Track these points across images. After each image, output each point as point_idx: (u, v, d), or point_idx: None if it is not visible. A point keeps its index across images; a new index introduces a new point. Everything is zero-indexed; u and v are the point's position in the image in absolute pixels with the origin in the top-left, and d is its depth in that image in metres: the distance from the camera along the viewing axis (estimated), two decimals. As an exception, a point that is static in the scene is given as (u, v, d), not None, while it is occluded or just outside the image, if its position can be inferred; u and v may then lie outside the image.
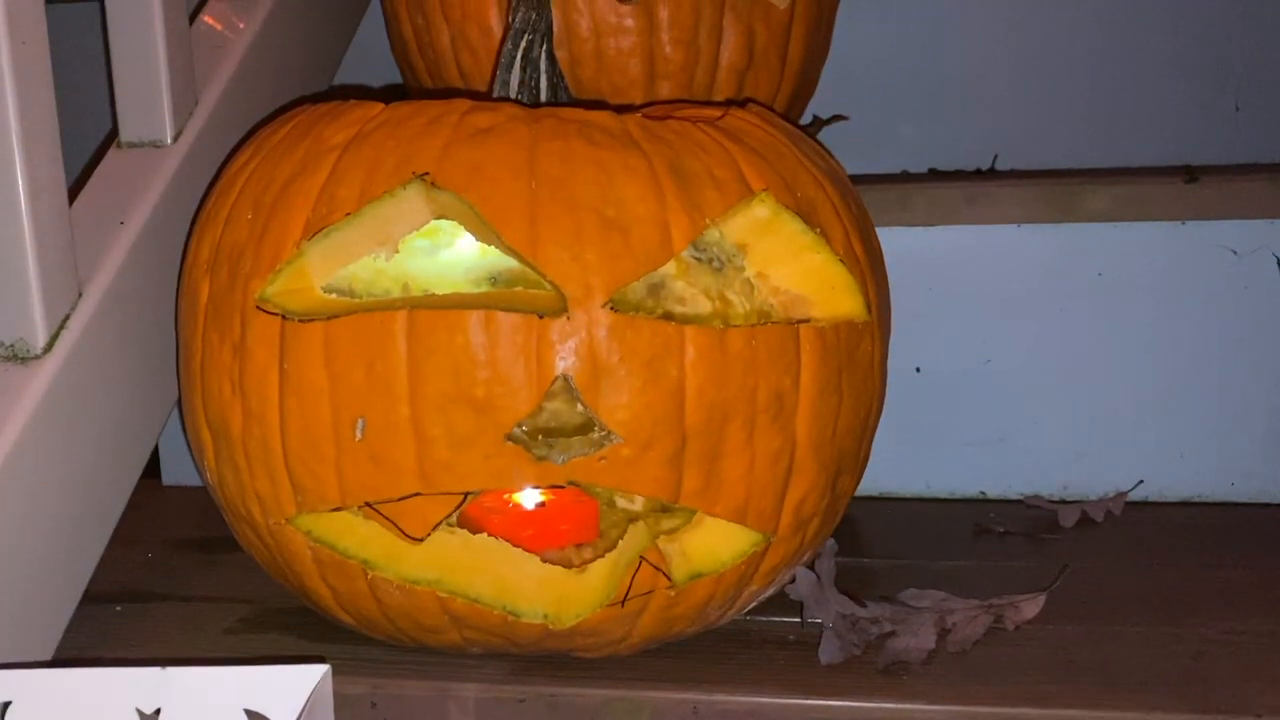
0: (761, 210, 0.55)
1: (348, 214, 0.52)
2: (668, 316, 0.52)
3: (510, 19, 0.66)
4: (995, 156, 1.14)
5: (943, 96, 1.18)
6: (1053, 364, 0.87)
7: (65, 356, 0.63)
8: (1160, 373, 0.86)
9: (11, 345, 0.63)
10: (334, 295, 0.54)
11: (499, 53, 0.67)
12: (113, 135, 0.76)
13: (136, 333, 0.69)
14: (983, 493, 0.90)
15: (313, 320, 0.51)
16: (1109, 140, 1.17)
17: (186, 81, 0.76)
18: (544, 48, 0.66)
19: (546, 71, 0.66)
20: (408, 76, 0.94)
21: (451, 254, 0.54)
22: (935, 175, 1.12)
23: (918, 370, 0.89)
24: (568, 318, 0.50)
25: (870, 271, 0.60)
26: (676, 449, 0.52)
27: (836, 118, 1.07)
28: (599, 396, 0.50)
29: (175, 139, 0.75)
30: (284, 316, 0.52)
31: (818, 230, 0.57)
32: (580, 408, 0.50)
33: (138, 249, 0.69)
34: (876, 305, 0.60)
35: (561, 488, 0.53)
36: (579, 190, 0.51)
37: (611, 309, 0.51)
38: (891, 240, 0.86)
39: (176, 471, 0.99)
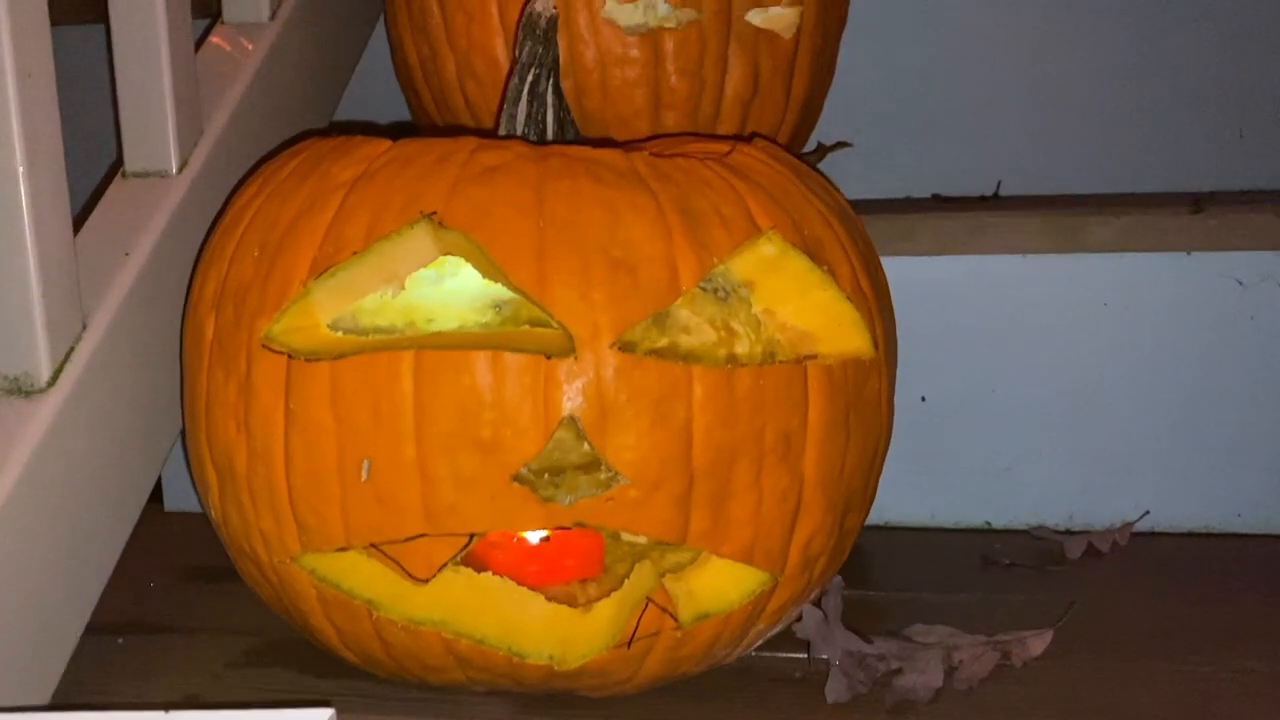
0: (769, 248, 0.55)
1: (355, 253, 0.52)
2: (673, 346, 0.52)
3: (517, 53, 0.66)
4: (999, 183, 1.14)
5: (946, 121, 1.18)
6: (1058, 394, 0.87)
7: (69, 390, 0.63)
8: (1166, 403, 0.86)
9: (15, 378, 0.62)
10: (339, 332, 0.54)
11: (505, 87, 0.67)
12: (118, 164, 0.76)
13: (141, 364, 0.69)
14: (988, 523, 0.90)
15: (319, 360, 0.51)
16: (1112, 165, 1.17)
17: (192, 110, 0.76)
18: (550, 81, 0.66)
19: (553, 105, 0.66)
20: (413, 104, 0.94)
21: (456, 283, 0.54)
22: (939, 201, 1.12)
23: (923, 399, 0.89)
24: (575, 358, 0.50)
25: (877, 307, 0.60)
26: (684, 490, 0.52)
27: (840, 144, 1.07)
28: (606, 437, 0.50)
29: (180, 169, 0.75)
30: (290, 355, 0.52)
31: (825, 268, 0.57)
32: (587, 449, 0.50)
33: (142, 280, 0.69)
34: (883, 341, 0.60)
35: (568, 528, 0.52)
36: (587, 230, 0.51)
37: (619, 349, 0.50)
38: (897, 270, 0.86)
39: (179, 497, 0.98)
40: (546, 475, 0.50)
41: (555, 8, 0.66)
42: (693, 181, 0.55)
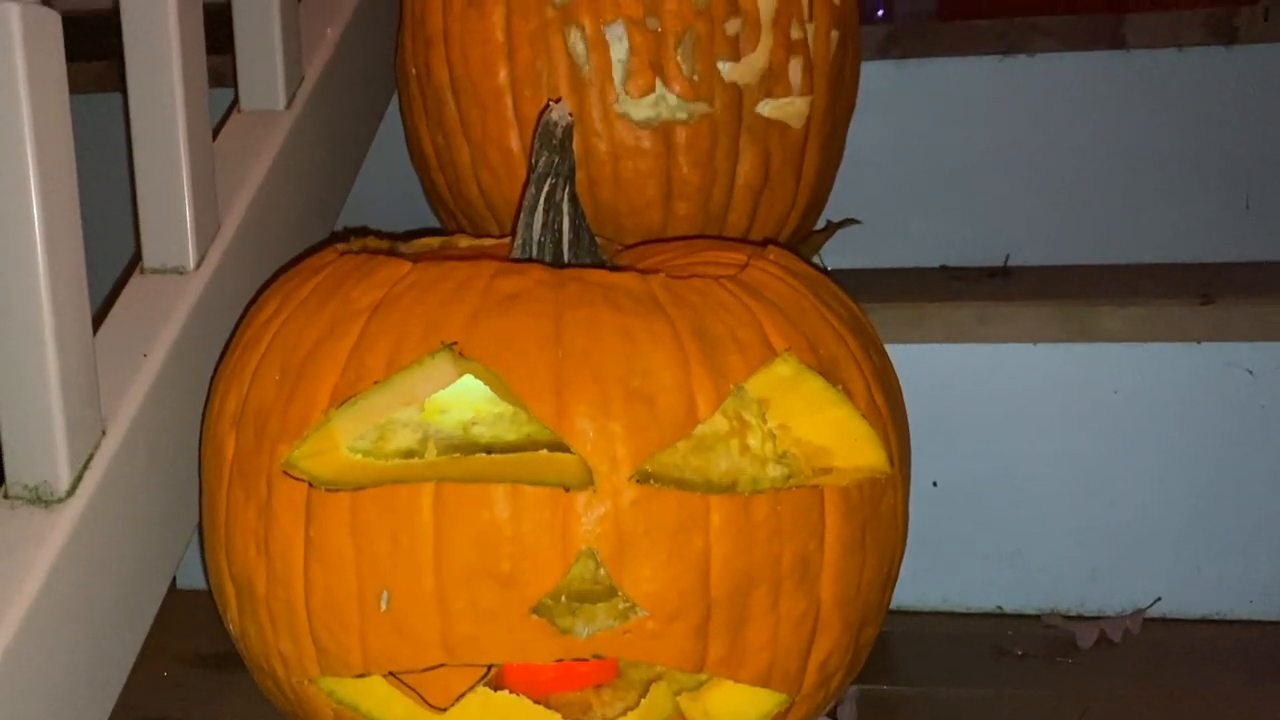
0: (784, 369, 0.56)
1: (376, 382, 0.52)
2: (691, 475, 0.52)
3: (533, 161, 0.67)
4: (1007, 256, 1.15)
5: (956, 192, 1.19)
6: (1070, 479, 0.87)
7: (89, 499, 0.63)
8: (1177, 489, 0.86)
9: (35, 488, 0.63)
10: (359, 453, 0.54)
11: (522, 195, 0.68)
12: (137, 258, 0.77)
13: (159, 466, 0.69)
14: (1000, 607, 0.90)
15: (339, 490, 0.52)
16: (1121, 236, 1.18)
17: (209, 206, 0.77)
18: (566, 190, 0.67)
19: (569, 213, 0.67)
20: (428, 188, 0.95)
21: (471, 380, 0.55)
22: (948, 272, 1.13)
23: (935, 484, 0.89)
24: (594, 491, 0.50)
25: (892, 422, 0.60)
26: (702, 620, 0.52)
27: (849, 221, 1.07)
28: (624, 569, 0.50)
29: (198, 264, 0.76)
30: (311, 484, 0.52)
31: (840, 386, 0.57)
32: (605, 581, 0.51)
33: (161, 382, 0.70)
34: (898, 455, 0.60)
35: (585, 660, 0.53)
36: (605, 360, 0.52)
37: (637, 481, 0.51)
38: (907, 356, 0.87)
39: (191, 574, 0.98)
40: (564, 607, 0.50)
41: (571, 115, 0.67)
42: (709, 304, 0.56)
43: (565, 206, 0.67)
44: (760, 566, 0.53)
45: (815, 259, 1.14)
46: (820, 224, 1.06)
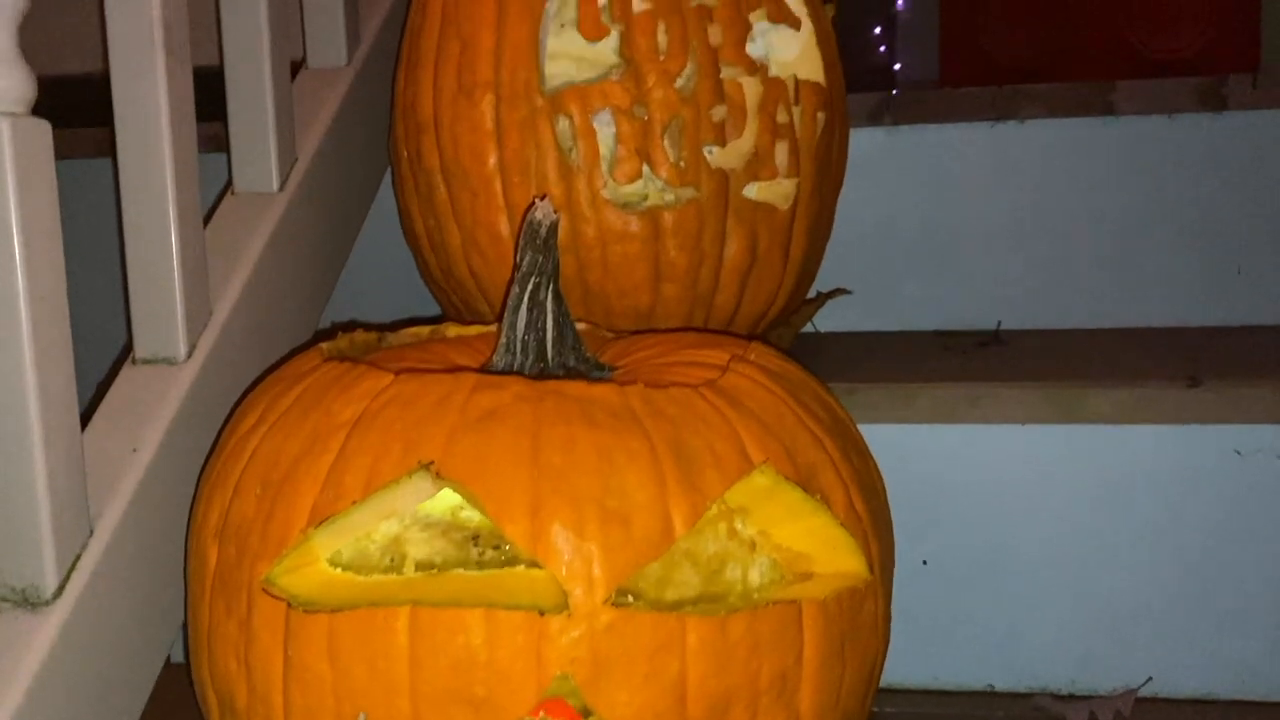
0: (762, 480, 0.56)
1: (354, 502, 0.53)
2: (666, 595, 0.53)
3: (518, 260, 0.68)
4: (999, 323, 1.15)
5: (947, 256, 1.19)
6: (1060, 558, 0.87)
7: (75, 600, 0.63)
8: (1167, 569, 0.86)
9: (22, 590, 0.63)
10: (338, 568, 0.55)
11: (507, 292, 0.68)
12: (128, 348, 0.78)
13: (147, 564, 0.69)
14: (991, 685, 0.89)
15: (317, 611, 0.52)
16: (1113, 301, 1.18)
17: (200, 294, 0.78)
18: (550, 288, 0.67)
19: (553, 311, 0.68)
20: (420, 265, 0.96)
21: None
22: (940, 338, 1.13)
23: (924, 563, 0.89)
24: (568, 615, 0.51)
25: (872, 527, 0.61)
26: (678, 741, 0.52)
27: (838, 291, 1.08)
28: (599, 694, 0.51)
29: (189, 355, 0.76)
30: (289, 604, 0.53)
31: (818, 496, 0.58)
32: (581, 705, 0.51)
33: (150, 477, 0.70)
34: (879, 560, 0.61)
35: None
36: (581, 480, 0.52)
37: (613, 605, 0.51)
38: (897, 436, 0.87)
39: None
40: (541, 730, 0.51)
41: (555, 213, 0.68)
42: (687, 417, 0.56)
43: (549, 305, 0.67)
44: (737, 685, 0.53)
45: (808, 326, 1.15)
46: (811, 292, 1.07)
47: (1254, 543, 0.85)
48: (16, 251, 0.60)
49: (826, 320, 1.18)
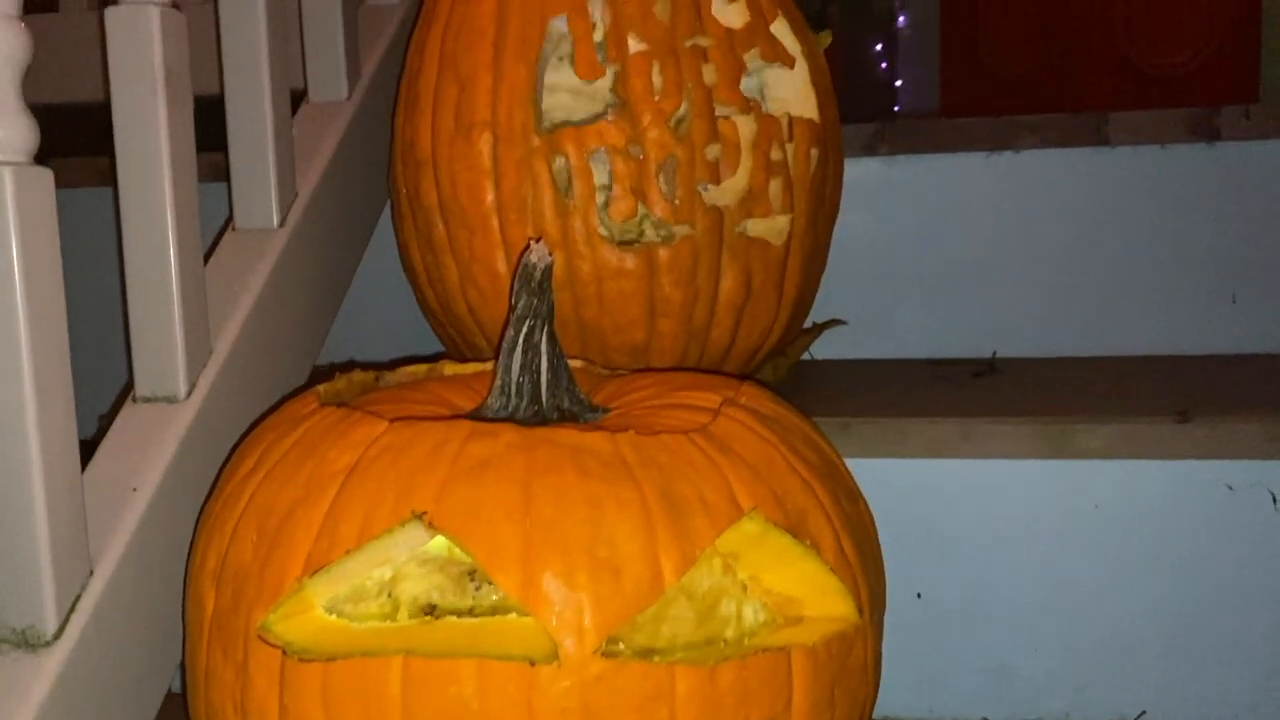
0: (751, 527, 0.57)
1: (348, 551, 0.54)
2: (656, 644, 0.53)
3: (512, 302, 0.69)
4: (994, 353, 1.16)
5: (942, 285, 1.20)
6: (1054, 592, 0.88)
7: (75, 641, 0.64)
8: (1160, 603, 0.87)
9: (22, 631, 0.64)
10: (333, 614, 0.55)
11: (502, 334, 0.69)
12: (129, 386, 0.79)
13: (147, 603, 0.70)
14: (985, 718, 0.90)
15: (311, 660, 0.53)
16: (1109, 328, 1.19)
17: (200, 332, 0.78)
18: (545, 331, 0.68)
19: (547, 353, 0.69)
20: (418, 299, 0.96)
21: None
22: (934, 368, 1.14)
23: (919, 596, 0.89)
24: (559, 665, 0.51)
25: (862, 571, 0.61)
26: (667, 789, 0.53)
27: (834, 322, 1.09)
28: (589, 743, 0.51)
29: (189, 393, 0.77)
30: (284, 652, 0.53)
31: (807, 541, 0.58)
32: (571, 754, 0.51)
33: (149, 516, 0.71)
34: (869, 603, 0.61)
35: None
36: (572, 531, 0.53)
37: (603, 655, 0.52)
38: (889, 472, 0.88)
39: (184, 676, 1.00)
40: (531, 778, 0.51)
41: (550, 255, 0.69)
42: (677, 464, 0.57)
43: (544, 347, 0.68)
44: (726, 733, 0.53)
45: (805, 355, 1.16)
46: (808, 321, 1.08)
47: (1246, 576, 0.85)
48: (19, 300, 0.61)
49: (823, 347, 1.19)
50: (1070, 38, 3.24)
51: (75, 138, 1.29)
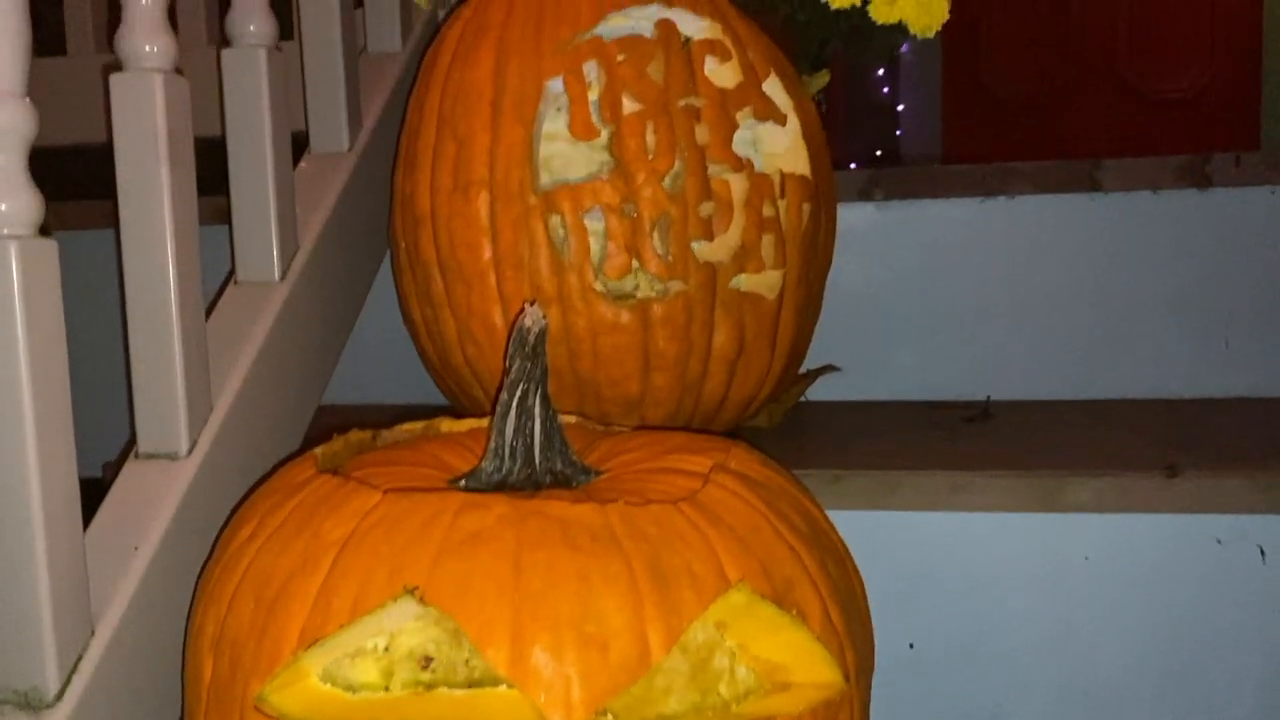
0: (738, 598, 0.58)
1: (341, 625, 0.55)
2: (644, 716, 0.54)
3: (507, 366, 0.70)
4: (988, 398, 1.17)
5: (936, 329, 1.22)
6: (1045, 643, 0.89)
7: (77, 703, 0.65)
8: (1150, 655, 0.87)
9: (25, 693, 0.65)
10: (328, 683, 0.56)
11: (495, 400, 0.70)
12: (132, 441, 0.80)
13: (147, 663, 0.71)
14: (977, 767, 0.91)
15: (306, 732, 0.54)
16: (1102, 371, 1.20)
17: (201, 389, 0.80)
18: (539, 395, 0.69)
19: (540, 417, 0.70)
20: (418, 349, 0.98)
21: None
22: (929, 410, 1.15)
23: (911, 646, 0.90)
24: (548, 740, 0.52)
25: (849, 637, 0.62)
26: None
27: (828, 368, 1.10)
28: (578, 817, 0.52)
29: (190, 450, 0.79)
30: (279, 723, 0.55)
31: (794, 611, 0.59)
32: (559, 828, 0.52)
33: (151, 575, 0.72)
34: (855, 669, 0.62)
35: None
36: (561, 606, 0.54)
37: (591, 729, 0.53)
38: (882, 523, 0.89)
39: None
40: None
41: (544, 319, 0.70)
42: (665, 536, 0.58)
43: (537, 411, 0.69)
44: (712, 803, 0.54)
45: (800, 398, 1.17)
46: (803, 367, 1.09)
47: (1235, 629, 0.86)
48: (23, 371, 0.63)
49: (817, 390, 1.20)
50: (1071, 62, 3.26)
51: (83, 180, 1.31)
